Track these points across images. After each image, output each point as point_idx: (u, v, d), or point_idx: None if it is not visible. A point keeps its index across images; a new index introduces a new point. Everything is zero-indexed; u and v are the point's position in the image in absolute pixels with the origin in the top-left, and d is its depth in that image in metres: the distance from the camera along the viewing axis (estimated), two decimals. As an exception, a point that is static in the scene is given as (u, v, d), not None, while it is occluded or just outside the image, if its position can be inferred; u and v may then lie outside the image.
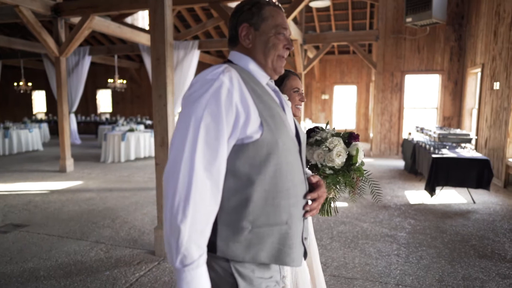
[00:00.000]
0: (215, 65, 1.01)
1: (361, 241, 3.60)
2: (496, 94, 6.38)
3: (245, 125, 0.95)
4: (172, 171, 0.90)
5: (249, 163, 0.98)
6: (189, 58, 9.95)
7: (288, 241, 1.03)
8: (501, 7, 6.31)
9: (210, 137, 0.91)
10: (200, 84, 0.96)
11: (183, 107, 0.96)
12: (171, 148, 0.93)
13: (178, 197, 0.87)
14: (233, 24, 1.10)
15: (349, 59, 13.01)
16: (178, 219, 0.87)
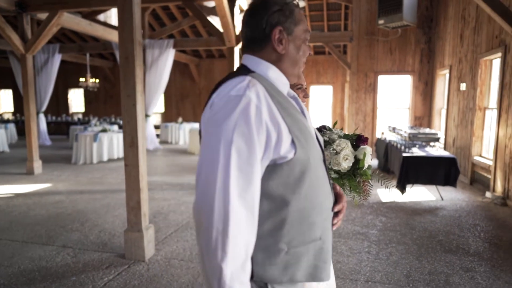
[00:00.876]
0: (235, 78, 0.91)
1: (333, 240, 3.65)
2: (463, 95, 6.63)
3: (278, 144, 0.88)
4: (205, 203, 0.81)
5: (283, 184, 0.92)
6: (164, 57, 9.80)
7: (323, 256, 1.00)
8: (466, 11, 6.56)
9: (242, 162, 0.82)
10: (224, 102, 0.86)
11: (208, 129, 0.86)
12: (200, 177, 0.84)
13: (214, 232, 0.79)
14: (258, 23, 0.97)
15: (325, 60, 13.19)
16: (218, 258, 0.79)
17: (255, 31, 0.98)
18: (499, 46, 5.19)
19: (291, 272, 0.94)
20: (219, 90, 0.90)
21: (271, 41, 0.97)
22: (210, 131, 0.85)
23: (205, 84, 14.34)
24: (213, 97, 0.90)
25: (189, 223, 4.12)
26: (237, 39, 5.62)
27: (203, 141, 0.87)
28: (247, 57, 1.01)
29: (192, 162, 8.46)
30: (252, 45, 1.00)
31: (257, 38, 0.99)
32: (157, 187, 5.86)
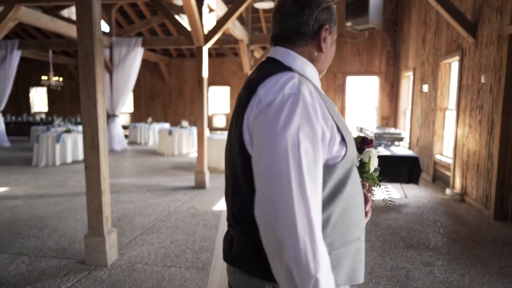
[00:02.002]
0: (279, 74, 0.84)
1: (300, 239, 3.67)
2: (425, 96, 6.90)
3: (331, 143, 0.83)
4: (282, 216, 0.73)
5: (332, 186, 0.87)
6: (132, 55, 9.55)
7: (360, 257, 0.97)
8: (428, 16, 6.84)
9: (310, 164, 0.77)
10: (280, 100, 0.79)
11: (266, 134, 0.78)
12: (267, 185, 0.75)
13: (302, 244, 0.72)
14: (311, 16, 0.91)
15: (295, 61, 13.33)
16: (312, 270, 0.72)
17: (302, 24, 0.92)
18: (456, 50, 5.44)
19: (333, 275, 0.88)
20: (265, 87, 0.83)
21: (317, 38, 0.93)
22: (270, 136, 0.77)
23: (175, 84, 14.11)
24: (259, 92, 0.83)
25: (155, 226, 4.03)
26: (205, 38, 5.55)
27: (262, 144, 0.78)
28: (281, 50, 0.94)
29: (162, 163, 8.29)
30: (295, 38, 0.93)
31: (304, 33, 0.92)
32: (124, 189, 5.69)
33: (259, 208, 0.76)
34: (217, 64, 13.74)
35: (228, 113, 14.07)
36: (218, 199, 5.14)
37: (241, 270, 0.92)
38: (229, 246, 0.97)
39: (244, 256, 0.91)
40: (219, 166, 7.39)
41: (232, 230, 0.96)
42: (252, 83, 0.87)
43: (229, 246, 0.97)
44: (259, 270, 0.87)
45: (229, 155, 0.95)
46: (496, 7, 4.36)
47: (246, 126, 0.84)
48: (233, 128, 0.92)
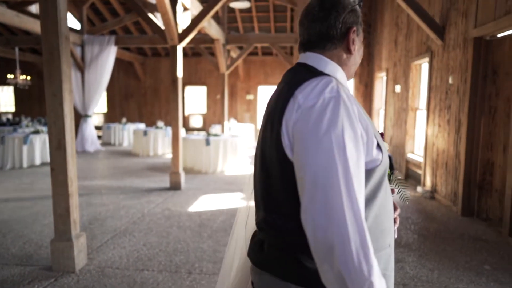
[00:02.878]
0: (315, 78, 0.85)
1: (275, 238, 3.68)
2: (398, 97, 7.08)
3: (369, 146, 0.83)
4: (332, 218, 0.72)
5: (369, 189, 0.86)
6: (105, 54, 9.29)
7: (390, 264, 0.95)
8: (399, 19, 7.02)
9: (355, 166, 0.76)
10: (321, 104, 0.79)
11: (311, 138, 0.78)
12: (315, 189, 0.74)
13: (354, 247, 0.71)
14: (337, 20, 0.92)
15: (272, 61, 13.39)
16: (366, 273, 0.70)
17: (330, 28, 0.92)
18: (426, 51, 5.61)
19: None
20: (304, 91, 0.83)
21: (345, 40, 0.94)
22: (315, 139, 0.77)
23: (151, 83, 13.86)
24: (298, 97, 0.83)
25: (127, 228, 3.92)
26: (180, 37, 5.46)
27: (306, 151, 0.78)
28: (312, 55, 0.95)
29: (136, 164, 8.11)
30: (325, 43, 0.93)
31: (332, 36, 0.93)
32: (95, 192, 5.52)
33: (308, 213, 0.75)
34: (193, 63, 13.60)
35: (205, 113, 13.96)
36: (193, 200, 5.07)
37: (271, 275, 0.90)
38: (259, 249, 0.96)
39: (277, 261, 0.89)
40: (195, 166, 7.31)
41: (263, 234, 0.95)
42: (288, 87, 0.88)
43: (258, 249, 0.96)
44: (293, 275, 0.86)
45: (261, 160, 0.93)
46: (462, 11, 4.52)
47: (285, 131, 0.84)
48: (266, 132, 0.90)
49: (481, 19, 4.06)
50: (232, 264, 1.35)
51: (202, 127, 13.85)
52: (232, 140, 7.44)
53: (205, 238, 3.67)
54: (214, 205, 4.88)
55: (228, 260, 1.37)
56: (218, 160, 7.21)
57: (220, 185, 6.08)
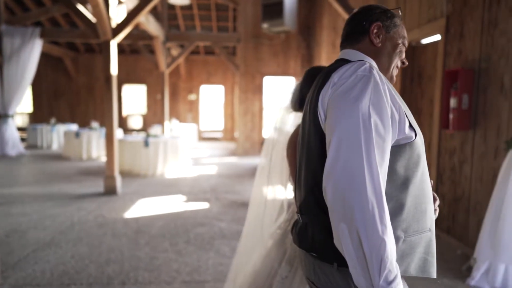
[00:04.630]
0: (353, 63, 0.93)
1: (217, 242, 3.58)
2: (335, 97, 7.37)
3: (401, 125, 0.89)
4: (353, 178, 0.79)
5: (405, 166, 0.92)
6: (29, 47, 8.43)
7: (431, 249, 0.98)
8: (337, 22, 7.32)
9: (378, 137, 0.83)
10: (353, 79, 0.88)
11: (340, 105, 0.86)
12: (339, 152, 0.81)
13: (371, 206, 0.77)
14: (360, 20, 1.05)
15: (215, 60, 13.23)
16: (380, 231, 0.76)
17: (355, 26, 1.06)
18: (361, 54, 5.90)
19: (406, 263, 0.92)
20: (339, 73, 0.91)
21: (368, 33, 1.04)
22: (344, 107, 0.85)
23: (84, 81, 12.91)
24: (333, 77, 0.91)
25: (53, 239, 3.55)
26: (114, 32, 5.11)
27: (335, 117, 0.85)
28: (347, 51, 1.06)
29: (67, 168, 7.46)
30: (351, 39, 1.07)
31: (356, 32, 1.05)
32: (16, 201, 4.95)
33: (329, 175, 0.81)
34: (131, 61, 12.95)
35: (145, 113, 13.34)
36: (130, 205, 4.77)
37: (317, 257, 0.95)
38: (304, 233, 1.00)
39: (321, 243, 0.94)
40: (133, 169, 6.92)
41: (305, 216, 1.01)
42: (325, 73, 0.97)
43: (303, 233, 1.00)
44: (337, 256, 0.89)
45: (304, 143, 1.02)
46: (392, 17, 4.81)
47: (321, 106, 0.92)
48: (306, 116, 1.01)
49: (408, 26, 4.35)
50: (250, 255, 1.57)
51: (141, 128, 13.24)
52: (173, 141, 7.17)
53: (142, 245, 3.45)
54: (153, 209, 4.63)
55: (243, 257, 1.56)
56: (158, 162, 6.90)
57: (160, 188, 5.81)
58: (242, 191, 5.67)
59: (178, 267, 2.99)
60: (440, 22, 3.63)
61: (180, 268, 2.99)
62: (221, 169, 7.64)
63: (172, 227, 3.95)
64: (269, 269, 1.65)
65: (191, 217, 4.34)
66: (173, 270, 2.94)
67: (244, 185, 6.13)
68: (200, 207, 4.78)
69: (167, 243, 3.51)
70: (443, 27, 3.57)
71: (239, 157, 9.37)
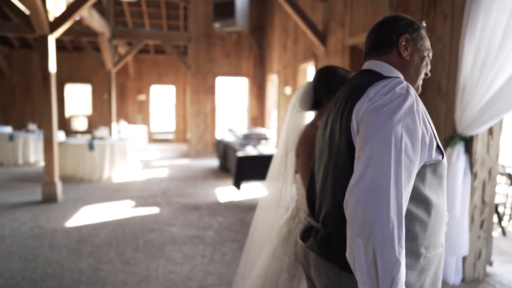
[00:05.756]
0: (390, 79, 0.93)
1: (168, 248, 3.42)
2: (288, 98, 7.47)
3: (430, 147, 0.91)
4: (379, 193, 0.80)
5: (429, 187, 0.94)
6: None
7: (441, 263, 1.01)
8: (288, 24, 7.42)
9: (407, 159, 0.85)
10: (390, 97, 0.89)
11: (374, 122, 0.87)
12: (367, 167, 0.82)
13: (391, 226, 0.78)
14: (387, 31, 1.05)
15: (166, 60, 12.84)
16: (397, 251, 0.78)
17: (382, 37, 1.06)
18: (311, 56, 6.03)
19: (423, 278, 0.94)
20: (376, 88, 0.92)
21: (397, 46, 1.04)
22: (378, 124, 0.86)
23: (20, 80, 11.86)
24: (370, 92, 0.92)
25: (-21, 256, 3.16)
26: (51, 26, 4.71)
27: (368, 133, 0.86)
28: (375, 62, 1.06)
29: (0, 174, 6.78)
30: (378, 50, 1.06)
31: (383, 43, 1.05)
32: None
33: (354, 189, 0.82)
34: (75, 59, 12.16)
35: (90, 114, 12.58)
36: (73, 213, 4.43)
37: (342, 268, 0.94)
38: (327, 243, 1.00)
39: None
40: (76, 174, 6.45)
41: (330, 228, 1.00)
42: (359, 86, 0.96)
43: (326, 242, 1.00)
44: None
45: (330, 154, 1.01)
46: (340, 21, 4.96)
47: (354, 119, 0.92)
48: (335, 127, 1.00)
49: (355, 30, 4.51)
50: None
51: (87, 130, 12.46)
52: (121, 143, 6.81)
53: (84, 256, 3.19)
54: (98, 217, 4.34)
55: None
56: (105, 166, 6.51)
57: (106, 194, 5.47)
58: (195, 194, 5.52)
59: (125, 278, 2.81)
60: (384, 26, 3.79)
61: (127, 278, 2.80)
62: (172, 172, 7.40)
63: (120, 235, 3.72)
64: (278, 268, 1.67)
65: (140, 223, 4.12)
66: (119, 281, 2.75)
67: (196, 187, 5.98)
68: (150, 212, 4.57)
69: (114, 252, 3.29)
70: (387, 32, 3.74)
71: (192, 159, 9.16)
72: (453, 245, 2.57)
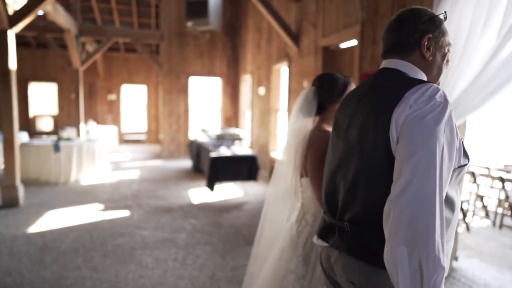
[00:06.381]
0: (427, 84, 0.93)
1: (138, 252, 3.30)
2: (262, 98, 7.46)
3: (460, 153, 0.94)
4: (425, 205, 0.82)
5: (452, 186, 0.96)
6: None
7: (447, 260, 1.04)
8: (261, 24, 7.41)
9: (446, 168, 0.87)
10: (432, 106, 0.89)
11: (419, 129, 0.87)
12: (414, 176, 0.83)
13: (437, 235, 0.80)
14: (409, 30, 1.03)
15: (137, 58, 12.51)
16: (442, 260, 0.80)
17: (404, 36, 1.03)
18: (285, 56, 6.04)
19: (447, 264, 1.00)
20: (415, 94, 0.91)
21: (419, 47, 1.02)
22: (423, 132, 0.87)
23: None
24: (409, 99, 0.91)
25: None
26: (10, 20, 4.44)
27: (413, 141, 0.87)
28: (398, 62, 1.04)
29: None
30: (399, 50, 1.04)
31: (406, 44, 1.03)
32: None
33: (398, 198, 0.83)
34: (39, 56, 11.60)
35: (56, 114, 12.05)
36: (36, 218, 4.19)
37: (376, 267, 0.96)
38: (356, 241, 1.01)
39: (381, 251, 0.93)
40: (41, 177, 6.14)
41: (362, 227, 1.00)
42: (393, 91, 0.96)
43: (355, 241, 1.01)
44: None
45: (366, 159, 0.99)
46: (312, 22, 5.00)
47: (394, 127, 0.92)
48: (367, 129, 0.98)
49: (327, 31, 4.55)
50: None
51: (53, 130, 11.92)
52: (89, 144, 6.55)
53: (48, 264, 3.02)
54: (64, 221, 4.13)
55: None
56: (72, 168, 6.24)
57: (73, 197, 5.23)
58: (167, 196, 5.39)
59: (93, 285, 2.68)
60: (356, 28, 3.85)
61: (95, 286, 2.68)
62: (144, 173, 7.20)
63: (87, 240, 3.56)
64: (284, 270, 1.69)
65: (110, 227, 3.96)
66: (85, 289, 2.62)
67: (169, 189, 5.84)
68: (120, 215, 4.41)
69: (80, 258, 3.14)
70: (358, 33, 3.79)
71: (164, 160, 8.97)
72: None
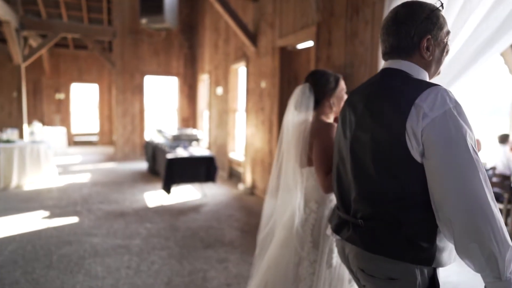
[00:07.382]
0: (435, 89, 0.96)
1: (88, 261, 3.09)
2: (220, 98, 7.37)
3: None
4: (479, 203, 0.89)
5: None
6: None
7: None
8: (219, 23, 7.33)
9: (479, 162, 0.94)
10: (450, 114, 0.93)
11: (445, 135, 0.93)
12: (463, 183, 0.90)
13: (498, 225, 0.89)
14: (407, 33, 1.04)
15: (88, 56, 11.85)
16: (509, 241, 0.89)
17: (403, 40, 1.05)
18: (242, 57, 6.01)
19: (453, 256, 1.05)
20: (427, 101, 0.94)
21: (419, 49, 1.04)
22: (449, 137, 0.92)
23: None
24: (422, 106, 0.94)
25: None
26: None
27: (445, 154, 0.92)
28: (401, 62, 1.06)
29: None
30: (400, 52, 1.06)
31: (405, 47, 1.05)
32: None
33: (456, 207, 0.90)
34: (-26, 50, 10.58)
35: (-4, 114, 11.06)
36: (-31, 229, 3.79)
37: (387, 257, 1.03)
38: (371, 236, 1.06)
39: (395, 245, 1.01)
40: (-24, 183, 5.58)
41: (374, 222, 1.06)
42: (402, 96, 0.99)
43: (371, 237, 1.06)
44: (411, 256, 1.00)
45: (378, 162, 1.03)
46: (270, 22, 5.01)
47: (411, 134, 0.95)
48: (379, 133, 1.02)
49: (284, 31, 4.58)
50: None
51: (-8, 131, 10.94)
52: (33, 147, 6.07)
53: (-18, 279, 2.73)
54: (2, 231, 3.78)
55: None
56: (13, 173, 5.74)
57: (13, 204, 4.81)
58: (121, 200, 5.13)
59: (34, 300, 2.46)
60: (312, 29, 3.90)
61: (36, 301, 2.45)
62: (96, 177, 6.82)
63: (29, 251, 3.27)
64: (287, 257, 1.75)
65: (56, 235, 3.68)
66: (25, 305, 2.39)
67: (123, 193, 5.57)
68: (67, 222, 4.12)
69: (20, 271, 2.87)
70: (314, 34, 3.85)
71: (118, 162, 8.57)
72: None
